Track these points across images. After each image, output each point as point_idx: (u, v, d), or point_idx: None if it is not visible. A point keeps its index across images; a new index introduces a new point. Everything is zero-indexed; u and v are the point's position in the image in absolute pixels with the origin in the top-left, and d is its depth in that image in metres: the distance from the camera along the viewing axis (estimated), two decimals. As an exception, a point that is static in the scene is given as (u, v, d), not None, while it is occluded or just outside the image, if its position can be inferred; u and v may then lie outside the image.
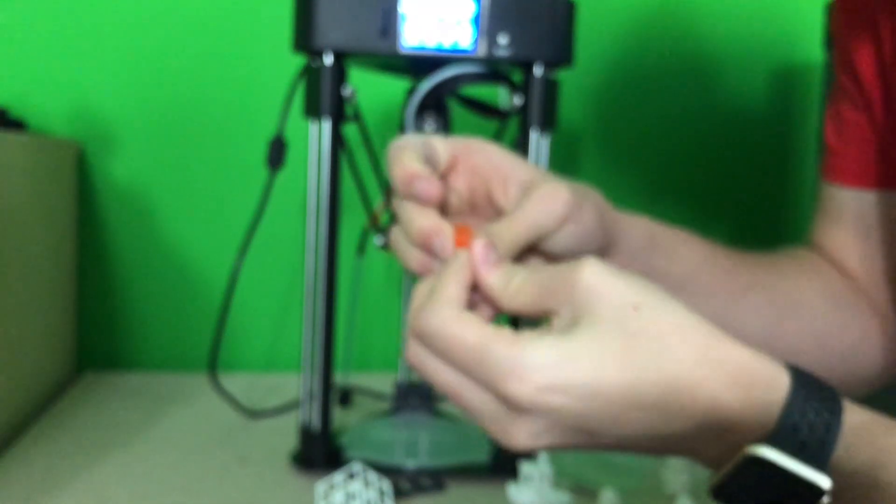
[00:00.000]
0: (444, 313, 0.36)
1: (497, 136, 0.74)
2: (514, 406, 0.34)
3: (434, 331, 0.36)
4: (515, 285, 0.37)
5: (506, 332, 0.35)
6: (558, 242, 0.43)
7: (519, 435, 0.35)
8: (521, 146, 0.69)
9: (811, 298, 0.58)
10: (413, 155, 0.41)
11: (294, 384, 0.96)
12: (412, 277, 0.82)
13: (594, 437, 0.35)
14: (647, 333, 0.34)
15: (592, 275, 0.35)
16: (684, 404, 0.34)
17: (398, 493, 0.65)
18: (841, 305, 0.59)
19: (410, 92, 0.73)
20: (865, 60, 0.58)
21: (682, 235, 0.53)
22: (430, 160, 0.42)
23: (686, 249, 0.52)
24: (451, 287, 0.37)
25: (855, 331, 0.59)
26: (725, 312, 0.53)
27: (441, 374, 0.36)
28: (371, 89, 1.03)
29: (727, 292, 0.54)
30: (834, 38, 0.62)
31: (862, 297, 0.60)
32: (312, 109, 0.68)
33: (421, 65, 0.71)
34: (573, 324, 0.35)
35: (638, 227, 0.49)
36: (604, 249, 0.45)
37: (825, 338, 0.57)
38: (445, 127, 0.75)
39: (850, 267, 0.61)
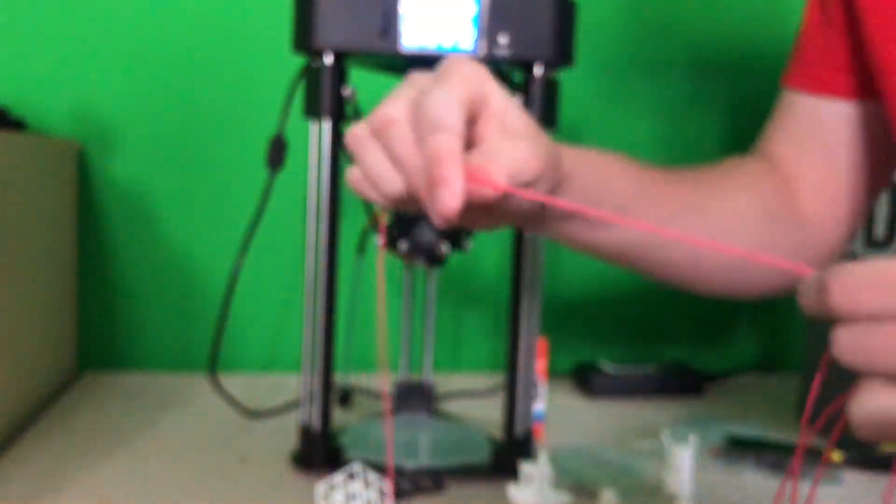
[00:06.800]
0: None
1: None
2: None
3: None
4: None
5: None
6: (518, 202, 0.44)
7: None
8: (521, 146, 0.69)
9: (744, 213, 0.60)
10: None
11: (294, 384, 0.96)
12: (412, 277, 0.82)
13: None
14: None
15: None
16: None
17: (398, 493, 0.65)
18: (774, 219, 0.61)
19: (410, 92, 0.73)
20: None
21: (618, 164, 0.54)
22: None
23: (622, 179, 0.54)
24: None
25: (788, 244, 0.61)
26: (656, 237, 0.56)
27: None
28: (371, 89, 1.04)
29: (658, 218, 0.56)
30: None
31: (797, 209, 0.62)
32: (312, 109, 0.68)
33: (421, 65, 0.71)
34: None
35: (579, 165, 0.50)
36: (550, 192, 0.46)
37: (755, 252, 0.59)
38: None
39: (792, 174, 0.62)
